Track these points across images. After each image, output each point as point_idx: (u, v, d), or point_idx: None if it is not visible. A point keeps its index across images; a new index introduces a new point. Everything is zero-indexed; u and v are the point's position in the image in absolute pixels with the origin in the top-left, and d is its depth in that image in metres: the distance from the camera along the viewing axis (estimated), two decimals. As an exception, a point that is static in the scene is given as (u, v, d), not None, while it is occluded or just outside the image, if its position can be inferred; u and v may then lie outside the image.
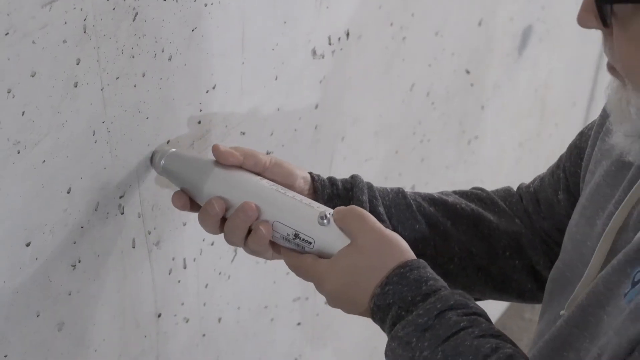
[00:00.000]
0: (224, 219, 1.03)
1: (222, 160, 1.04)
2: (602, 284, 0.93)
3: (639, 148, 0.91)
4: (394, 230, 1.11)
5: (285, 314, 1.57)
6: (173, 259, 1.24)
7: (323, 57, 1.36)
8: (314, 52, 1.34)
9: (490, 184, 1.29)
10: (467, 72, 1.84)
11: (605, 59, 0.90)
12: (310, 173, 1.11)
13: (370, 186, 1.12)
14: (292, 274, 1.53)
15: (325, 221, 0.99)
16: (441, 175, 1.94)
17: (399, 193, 1.14)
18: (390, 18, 1.50)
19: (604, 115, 1.06)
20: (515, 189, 1.23)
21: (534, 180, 1.21)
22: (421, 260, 0.96)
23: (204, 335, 1.37)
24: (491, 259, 1.16)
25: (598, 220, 1.00)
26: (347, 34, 1.40)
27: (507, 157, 2.29)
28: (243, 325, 1.46)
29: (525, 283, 1.18)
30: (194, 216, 1.21)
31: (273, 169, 1.06)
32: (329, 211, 1.00)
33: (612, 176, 1.00)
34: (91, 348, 1.15)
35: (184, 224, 1.23)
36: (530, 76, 2.17)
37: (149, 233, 1.17)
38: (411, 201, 1.13)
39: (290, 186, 1.06)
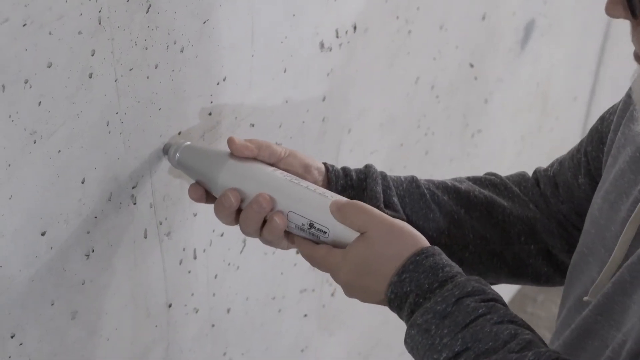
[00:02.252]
0: (239, 210, 1.05)
1: (237, 153, 1.05)
2: (628, 273, 0.93)
3: None
4: (408, 219, 1.12)
5: (293, 305, 1.59)
6: (183, 250, 1.25)
7: (330, 50, 1.37)
8: (321, 45, 1.35)
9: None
10: (471, 65, 1.85)
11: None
12: (324, 164, 1.12)
13: (384, 176, 1.13)
14: (300, 266, 1.55)
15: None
16: (445, 168, 1.95)
17: (413, 182, 1.14)
18: (396, 12, 1.51)
19: (627, 101, 1.06)
20: (530, 174, 1.24)
21: (553, 163, 1.22)
22: (435, 247, 0.96)
23: (213, 325, 1.38)
24: (506, 245, 1.16)
25: (622, 206, 1.00)
26: (354, 28, 1.41)
27: (509, 150, 2.30)
28: (251, 315, 1.48)
29: (541, 267, 1.18)
30: (204, 207, 1.23)
31: (287, 159, 1.07)
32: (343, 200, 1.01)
33: (637, 162, 1.00)
34: (103, 337, 1.16)
35: (195, 215, 1.24)
36: (532, 70, 2.19)
37: (161, 223, 1.18)
38: (425, 190, 1.14)
39: (305, 176, 1.07)
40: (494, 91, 2.02)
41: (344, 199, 1.01)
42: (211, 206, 1.07)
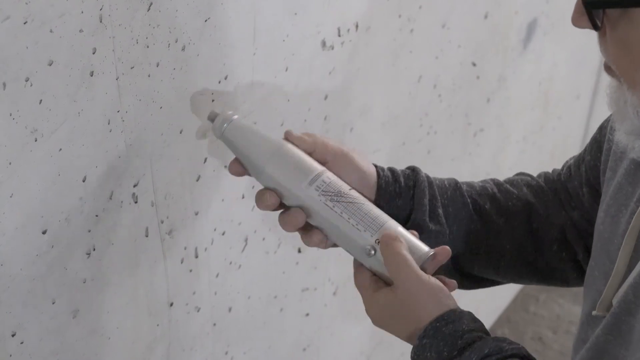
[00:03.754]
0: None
1: (295, 142, 1.05)
2: (632, 292, 0.94)
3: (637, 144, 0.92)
4: (449, 229, 1.12)
5: (294, 303, 1.59)
6: (185, 248, 1.25)
7: (332, 49, 1.37)
8: (323, 44, 1.35)
9: (495, 176, 1.30)
10: (474, 64, 1.85)
11: None
12: (375, 167, 1.09)
13: (430, 183, 1.12)
14: (302, 265, 1.55)
15: (372, 252, 1.01)
16: (447, 167, 1.95)
17: (457, 189, 1.14)
18: (398, 10, 1.51)
19: None
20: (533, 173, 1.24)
21: (563, 168, 1.21)
22: (457, 311, 0.96)
23: (214, 324, 1.38)
24: (540, 253, 1.16)
25: (622, 219, 1.00)
26: (356, 26, 1.41)
27: (511, 149, 2.30)
28: (253, 314, 1.48)
29: (570, 272, 1.18)
30: (205, 206, 1.23)
31: (340, 161, 1.05)
32: (375, 245, 1.00)
33: (632, 174, 1.00)
34: (105, 335, 1.16)
35: (196, 214, 1.24)
36: (535, 69, 2.18)
37: (162, 222, 1.18)
38: (468, 199, 1.14)
39: (356, 183, 1.06)
40: (496, 90, 2.02)
41: (375, 244, 1.00)
42: (213, 205, 1.07)
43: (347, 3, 1.36)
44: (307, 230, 1.04)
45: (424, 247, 1.01)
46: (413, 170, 1.12)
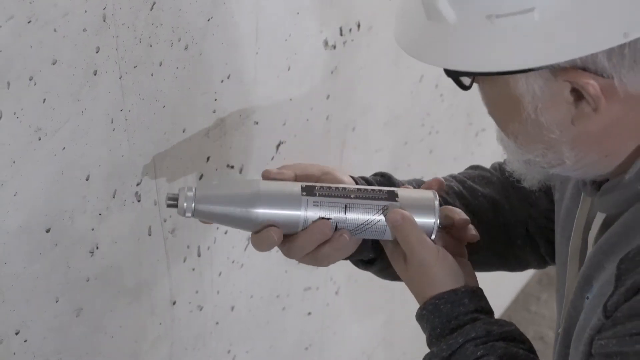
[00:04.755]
0: None
1: (274, 177, 1.03)
2: (573, 309, 0.98)
3: (528, 175, 0.96)
4: None
5: (297, 303, 1.59)
6: (188, 247, 1.25)
7: (335, 48, 1.37)
8: (325, 43, 1.35)
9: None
10: (475, 64, 1.85)
11: None
12: (353, 178, 1.09)
13: (403, 185, 1.11)
14: (304, 264, 1.55)
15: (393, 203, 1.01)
16: (449, 167, 1.95)
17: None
18: (400, 10, 1.51)
19: None
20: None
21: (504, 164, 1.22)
22: (460, 291, 0.99)
23: (217, 323, 1.38)
24: (509, 246, 1.18)
25: (570, 240, 1.04)
26: (358, 25, 1.41)
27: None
28: (255, 313, 1.48)
29: (534, 263, 1.21)
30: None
31: (324, 179, 1.05)
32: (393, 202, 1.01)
33: (574, 198, 1.03)
34: (108, 334, 1.16)
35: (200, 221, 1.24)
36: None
37: (165, 221, 1.19)
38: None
39: None
40: (498, 90, 2.02)
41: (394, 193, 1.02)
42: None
43: (349, 2, 1.37)
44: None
45: (429, 220, 1.02)
46: (382, 176, 1.13)
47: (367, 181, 1.11)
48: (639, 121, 0.87)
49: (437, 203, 1.02)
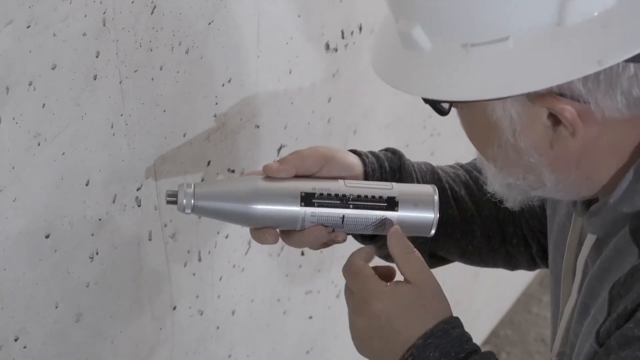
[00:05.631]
0: None
1: (274, 174, 1.01)
2: (574, 336, 0.97)
3: (509, 196, 0.95)
4: None
5: (298, 306, 1.58)
6: (188, 252, 1.25)
7: (336, 51, 1.37)
8: (327, 46, 1.34)
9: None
10: (477, 66, 1.85)
11: None
12: (359, 155, 1.08)
13: (413, 166, 1.12)
14: (305, 267, 1.55)
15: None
16: (451, 169, 1.95)
17: (434, 174, 1.14)
18: (402, 12, 1.51)
19: None
20: None
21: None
22: (458, 318, 0.96)
23: (218, 327, 1.38)
24: (503, 242, 1.18)
25: (564, 257, 1.03)
26: (360, 28, 1.40)
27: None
28: (256, 317, 1.47)
29: (524, 264, 1.20)
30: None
31: (326, 167, 1.03)
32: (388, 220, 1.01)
33: (568, 215, 1.03)
34: (108, 339, 1.16)
35: (199, 217, 1.24)
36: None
37: (165, 226, 1.18)
38: (445, 184, 1.14)
39: (349, 177, 1.05)
40: (500, 91, 2.01)
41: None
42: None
43: (351, 5, 1.36)
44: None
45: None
46: (394, 153, 1.12)
47: (376, 157, 1.10)
48: (618, 143, 0.87)
49: (436, 198, 1.02)
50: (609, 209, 0.90)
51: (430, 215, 1.01)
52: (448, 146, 1.89)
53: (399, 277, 0.98)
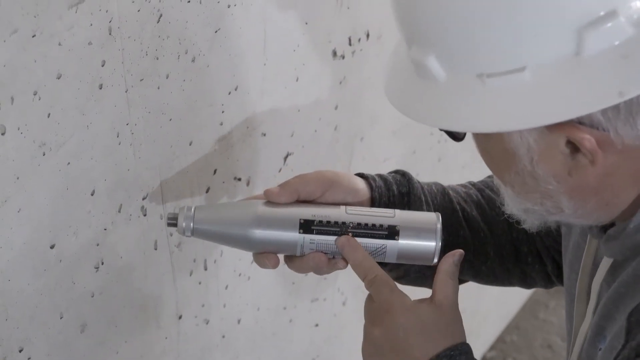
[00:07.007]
0: None
1: (276, 200, 1.01)
2: (587, 357, 0.96)
3: (527, 219, 0.94)
4: None
5: (304, 314, 1.58)
6: (194, 261, 1.24)
7: (343, 58, 1.36)
8: (334, 53, 1.34)
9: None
10: (484, 72, 1.84)
11: None
12: (366, 179, 1.08)
13: (422, 189, 1.11)
14: (311, 275, 1.53)
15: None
16: (457, 175, 1.93)
17: (445, 195, 1.13)
18: (409, 18, 1.50)
19: None
20: None
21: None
22: (466, 344, 0.95)
23: (223, 336, 1.37)
24: (518, 261, 1.16)
25: (578, 278, 1.02)
26: (367, 35, 1.39)
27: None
28: (262, 325, 1.47)
29: (541, 282, 1.19)
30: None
31: (330, 191, 1.03)
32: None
33: (583, 235, 1.02)
34: (113, 349, 1.15)
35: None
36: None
37: (171, 235, 1.17)
38: (457, 205, 1.13)
39: (350, 202, 1.04)
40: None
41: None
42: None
43: (358, 12, 1.35)
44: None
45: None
46: (403, 176, 1.11)
47: (384, 180, 1.09)
48: (637, 170, 0.86)
49: (439, 226, 1.01)
50: (628, 234, 0.88)
51: (432, 244, 1.00)
52: (455, 153, 1.88)
53: (419, 295, 0.97)
